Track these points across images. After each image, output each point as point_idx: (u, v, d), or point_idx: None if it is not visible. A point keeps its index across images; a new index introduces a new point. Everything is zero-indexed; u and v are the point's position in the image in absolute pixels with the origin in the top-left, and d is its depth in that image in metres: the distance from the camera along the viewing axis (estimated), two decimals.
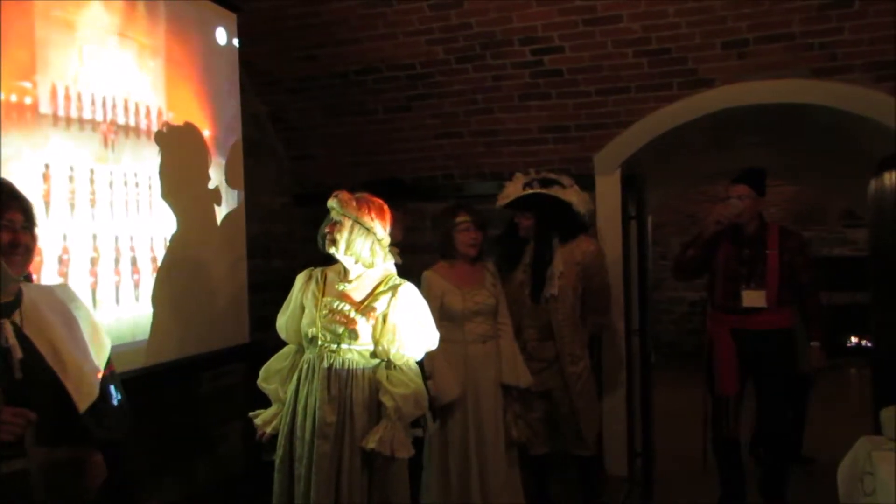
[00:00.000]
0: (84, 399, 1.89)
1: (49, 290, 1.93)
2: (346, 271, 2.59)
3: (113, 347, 2.68)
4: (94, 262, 2.67)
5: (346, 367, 2.53)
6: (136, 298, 2.91)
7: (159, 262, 3.01)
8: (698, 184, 7.14)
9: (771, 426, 3.50)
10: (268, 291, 3.63)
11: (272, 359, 2.67)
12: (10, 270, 1.74)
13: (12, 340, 1.76)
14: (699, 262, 3.62)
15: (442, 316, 3.19)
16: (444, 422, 3.16)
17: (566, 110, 4.06)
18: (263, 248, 4.11)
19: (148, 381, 2.92)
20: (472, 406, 3.18)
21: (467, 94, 4.14)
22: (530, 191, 3.41)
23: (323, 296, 2.56)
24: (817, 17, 3.35)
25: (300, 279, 2.65)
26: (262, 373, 2.65)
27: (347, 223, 2.53)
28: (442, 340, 3.13)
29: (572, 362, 3.41)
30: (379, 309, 2.56)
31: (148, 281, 2.96)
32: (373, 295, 2.57)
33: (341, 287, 2.58)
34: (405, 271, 2.72)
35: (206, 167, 3.30)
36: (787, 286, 3.43)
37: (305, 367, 2.54)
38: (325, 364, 2.51)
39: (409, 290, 2.61)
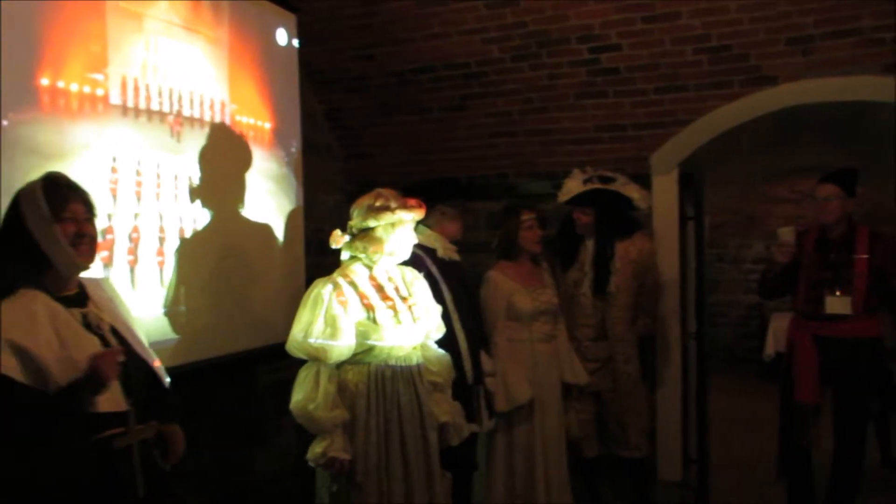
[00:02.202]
0: (164, 377, 1.97)
1: (99, 284, 1.98)
2: (381, 271, 2.62)
3: (172, 340, 2.79)
4: (161, 241, 2.74)
5: (420, 359, 2.64)
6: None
7: (222, 255, 3.06)
8: (758, 183, 6.98)
9: (848, 439, 3.36)
10: None
11: (318, 390, 2.44)
12: (78, 259, 1.80)
13: (105, 326, 1.83)
14: (784, 287, 3.55)
15: (509, 316, 3.21)
16: (510, 423, 3.17)
17: (623, 109, 4.01)
18: (318, 244, 4.17)
19: (206, 373, 2.97)
20: (538, 405, 3.19)
21: (522, 92, 4.13)
22: (592, 186, 3.38)
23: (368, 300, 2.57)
24: (888, 10, 3.24)
25: (327, 293, 2.49)
26: (318, 406, 2.40)
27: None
28: (509, 341, 3.17)
29: (625, 361, 3.38)
30: (421, 298, 2.64)
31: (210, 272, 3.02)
32: (408, 285, 2.66)
33: (386, 288, 2.60)
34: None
35: (269, 160, 3.36)
36: (876, 293, 3.29)
37: (386, 373, 2.52)
38: (412, 362, 2.58)
39: (417, 272, 2.75)
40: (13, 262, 1.76)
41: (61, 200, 1.78)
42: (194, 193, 2.89)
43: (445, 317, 2.88)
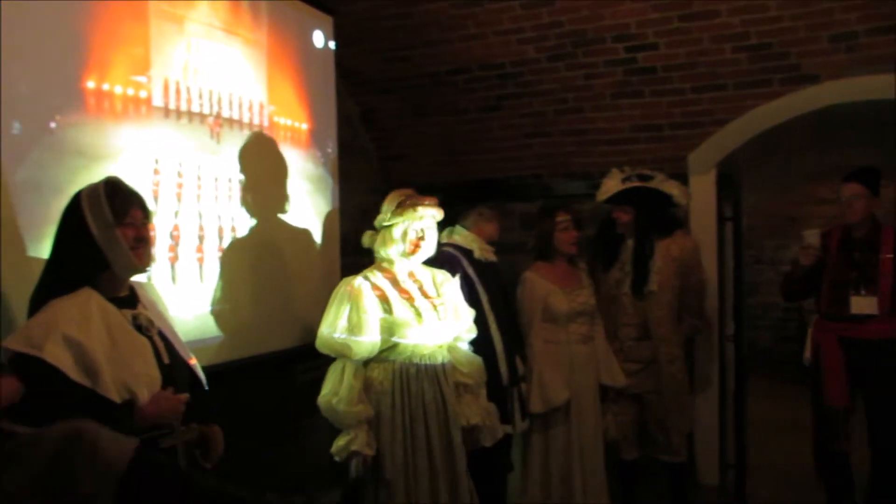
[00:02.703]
0: (202, 378, 2.01)
1: (143, 286, 2.03)
2: (410, 270, 2.66)
3: (212, 339, 2.84)
4: (201, 240, 2.78)
5: (447, 358, 2.65)
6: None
7: (260, 255, 3.10)
8: (797, 184, 6.85)
9: (883, 442, 3.28)
10: None
11: (341, 385, 2.50)
12: (137, 263, 1.85)
13: (154, 328, 1.88)
14: (807, 290, 3.50)
15: (545, 317, 3.20)
16: (546, 424, 3.16)
17: (659, 108, 3.97)
18: (354, 245, 4.20)
19: (243, 372, 3.01)
20: (575, 407, 3.17)
21: (558, 92, 4.11)
22: (631, 184, 3.35)
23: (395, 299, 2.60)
24: None
25: (351, 290, 2.55)
26: (341, 400, 2.47)
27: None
28: (545, 342, 3.17)
29: (669, 361, 3.33)
30: (449, 299, 2.65)
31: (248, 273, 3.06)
32: (438, 286, 2.68)
33: (407, 286, 2.61)
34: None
35: (306, 161, 3.40)
36: None
37: (410, 371, 2.55)
38: (437, 361, 2.59)
39: (449, 274, 2.77)
40: (72, 262, 1.81)
41: (123, 205, 1.82)
42: (233, 193, 2.93)
43: (481, 318, 2.89)
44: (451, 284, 2.73)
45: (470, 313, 2.76)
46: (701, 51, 3.67)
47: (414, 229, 2.58)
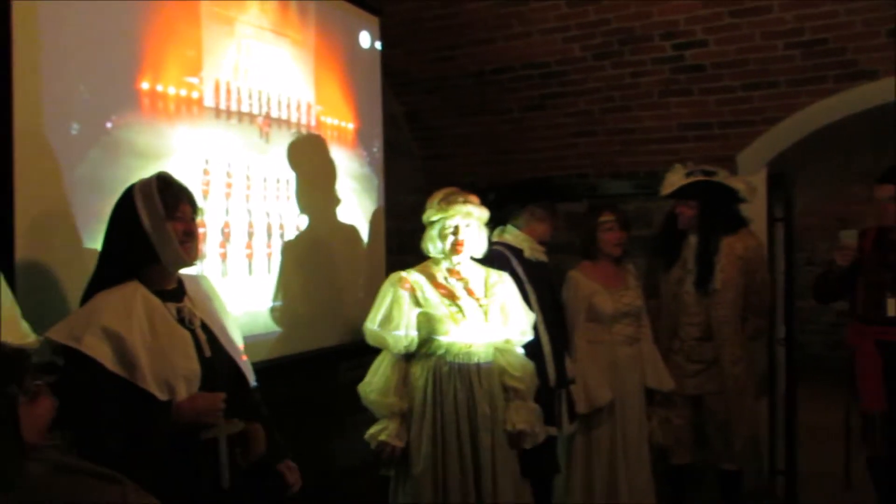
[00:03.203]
0: (250, 377, 2.03)
1: (196, 280, 2.05)
2: (451, 268, 2.64)
3: (260, 335, 2.88)
4: (250, 236, 2.83)
5: (487, 359, 2.62)
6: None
7: (306, 253, 3.13)
8: (851, 184, 6.67)
9: None
10: None
11: (376, 375, 2.61)
12: (186, 257, 1.88)
13: (198, 322, 1.90)
14: (841, 292, 3.40)
15: (589, 317, 3.18)
16: (589, 424, 3.13)
17: (708, 107, 3.90)
18: (398, 244, 4.22)
19: (289, 368, 3.05)
20: (619, 409, 3.13)
21: (603, 91, 4.07)
22: (695, 178, 3.27)
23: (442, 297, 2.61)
24: None
25: (391, 285, 2.62)
26: (374, 390, 2.58)
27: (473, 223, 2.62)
28: (589, 343, 3.14)
29: (733, 363, 3.23)
30: (499, 300, 2.64)
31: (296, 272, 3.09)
32: (488, 286, 2.66)
33: (452, 284, 2.61)
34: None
35: (352, 160, 3.43)
36: None
37: (443, 369, 2.56)
38: (472, 360, 2.58)
39: (508, 276, 2.75)
40: (122, 255, 1.84)
41: (174, 200, 1.85)
42: (281, 192, 2.97)
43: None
44: (504, 286, 2.70)
45: (527, 317, 2.73)
46: (752, 47, 3.59)
47: (448, 226, 2.58)
